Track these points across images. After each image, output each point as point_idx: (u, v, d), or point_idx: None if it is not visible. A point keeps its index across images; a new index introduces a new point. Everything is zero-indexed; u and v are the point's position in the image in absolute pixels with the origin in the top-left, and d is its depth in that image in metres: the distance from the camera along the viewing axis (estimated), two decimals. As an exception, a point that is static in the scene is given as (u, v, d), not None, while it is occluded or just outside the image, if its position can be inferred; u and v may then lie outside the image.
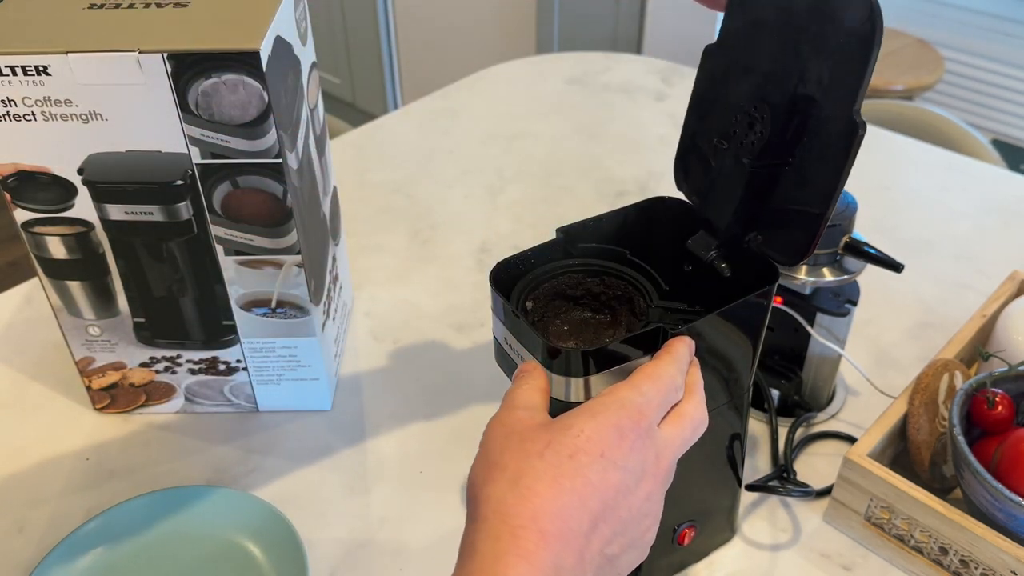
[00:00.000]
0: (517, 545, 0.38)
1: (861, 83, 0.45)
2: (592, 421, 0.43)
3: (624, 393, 0.45)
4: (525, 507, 0.39)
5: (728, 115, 0.53)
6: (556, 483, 0.40)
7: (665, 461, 0.45)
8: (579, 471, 0.41)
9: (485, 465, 0.43)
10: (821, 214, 0.49)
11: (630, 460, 0.42)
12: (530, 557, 0.38)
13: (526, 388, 0.47)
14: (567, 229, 0.56)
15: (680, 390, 0.47)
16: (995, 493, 0.58)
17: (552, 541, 0.39)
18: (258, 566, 0.63)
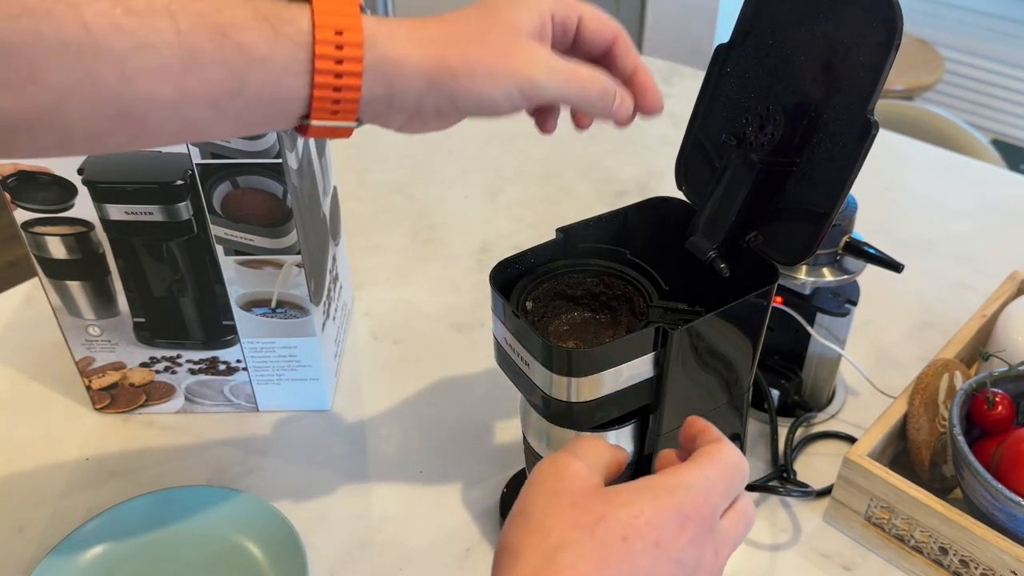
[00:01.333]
0: None
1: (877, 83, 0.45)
2: (654, 504, 0.38)
3: (692, 477, 0.40)
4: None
5: (739, 115, 0.54)
6: (601, 567, 0.36)
7: (722, 558, 0.40)
8: (630, 558, 0.36)
9: (524, 523, 0.39)
10: (827, 213, 0.49)
11: (687, 554, 0.38)
12: None
13: (595, 443, 0.43)
14: (567, 229, 0.56)
15: (745, 479, 0.43)
16: (995, 493, 0.58)
17: None
18: (258, 566, 0.63)
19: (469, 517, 0.68)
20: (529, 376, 0.51)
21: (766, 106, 0.52)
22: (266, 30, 0.40)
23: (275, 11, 0.40)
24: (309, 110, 0.42)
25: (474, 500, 0.69)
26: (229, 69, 0.40)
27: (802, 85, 0.50)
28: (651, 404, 0.53)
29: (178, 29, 0.38)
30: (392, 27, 0.43)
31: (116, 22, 0.37)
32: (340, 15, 0.41)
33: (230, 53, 0.39)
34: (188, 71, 0.39)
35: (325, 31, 0.40)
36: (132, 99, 0.39)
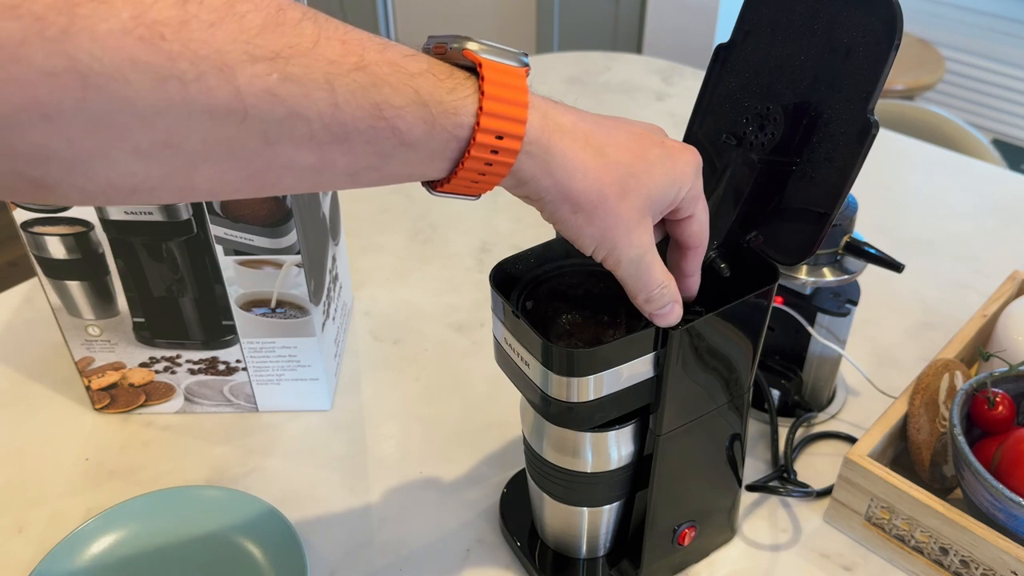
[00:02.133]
0: None
1: (877, 83, 0.45)
2: None
3: None
4: None
5: (739, 114, 0.53)
6: None
7: None
8: None
9: None
10: (827, 213, 0.49)
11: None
12: None
13: None
14: (567, 229, 0.56)
15: None
16: (995, 493, 0.58)
17: None
18: (258, 566, 0.63)
19: (469, 517, 0.68)
20: (529, 376, 0.51)
21: (766, 106, 0.52)
22: (424, 117, 0.38)
23: (437, 97, 0.38)
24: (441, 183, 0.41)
25: (474, 500, 0.69)
26: (377, 148, 0.38)
27: (802, 85, 0.50)
28: (651, 404, 0.53)
29: (335, 102, 0.35)
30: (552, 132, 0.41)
31: (271, 89, 0.34)
32: (505, 118, 0.39)
33: (382, 134, 0.37)
34: (335, 144, 0.37)
35: (486, 135, 0.39)
36: (269, 163, 0.36)
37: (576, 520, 0.60)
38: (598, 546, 0.62)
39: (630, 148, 0.44)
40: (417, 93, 0.37)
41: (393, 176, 0.40)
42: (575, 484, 0.57)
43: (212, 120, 0.33)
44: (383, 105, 0.37)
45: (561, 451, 0.56)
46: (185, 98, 0.32)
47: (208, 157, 0.35)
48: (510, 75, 0.40)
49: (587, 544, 0.62)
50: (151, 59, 0.31)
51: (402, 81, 0.37)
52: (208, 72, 0.32)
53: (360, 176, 0.39)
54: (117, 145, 0.33)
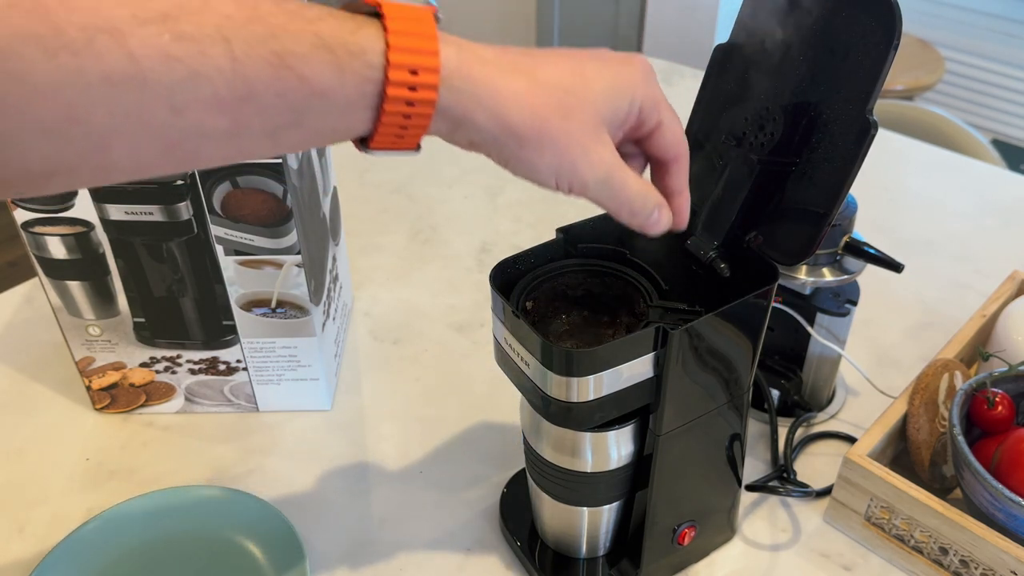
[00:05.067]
0: None
1: (876, 83, 0.45)
2: None
3: None
4: None
5: (738, 115, 0.54)
6: None
7: None
8: None
9: None
10: (826, 213, 0.49)
11: None
12: None
13: None
14: (567, 229, 0.56)
15: None
16: (995, 493, 0.58)
17: None
18: (258, 566, 0.63)
19: (469, 517, 0.68)
20: (529, 376, 0.51)
21: (766, 106, 0.52)
22: (330, 61, 0.36)
23: (340, 38, 0.36)
24: (370, 137, 0.40)
25: (474, 500, 0.69)
26: (288, 101, 0.36)
27: (802, 85, 0.50)
28: (651, 404, 0.53)
29: (233, 56, 0.34)
30: (473, 63, 0.40)
31: (165, 50, 0.33)
32: (415, 51, 0.37)
33: (290, 84, 0.36)
34: (243, 102, 0.35)
35: (399, 71, 0.37)
36: (183, 132, 0.35)
37: (576, 520, 0.60)
38: (598, 546, 0.62)
39: (562, 67, 0.43)
40: (319, 37, 0.36)
41: (316, 133, 0.38)
42: (575, 484, 0.57)
43: (112, 88, 0.33)
44: (284, 54, 0.35)
45: (561, 451, 0.56)
46: (79, 67, 0.32)
47: (117, 130, 0.34)
48: (414, 11, 0.38)
49: (587, 544, 0.62)
50: (39, 30, 0.31)
51: (301, 27, 0.36)
52: (97, 38, 0.32)
53: (281, 136, 0.38)
54: (22, 125, 0.32)
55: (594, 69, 0.43)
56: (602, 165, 0.43)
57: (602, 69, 0.43)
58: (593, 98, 0.42)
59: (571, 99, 0.42)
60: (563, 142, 0.42)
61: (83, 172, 0.35)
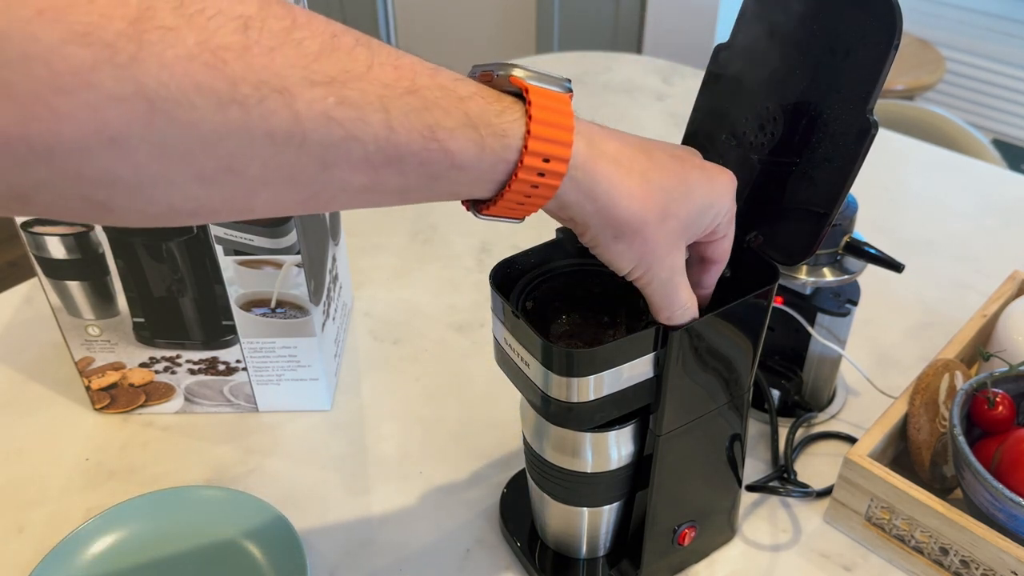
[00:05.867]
0: None
1: (876, 83, 0.45)
2: None
3: None
4: None
5: (738, 114, 0.53)
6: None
7: None
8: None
9: None
10: (826, 213, 0.49)
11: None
12: None
13: None
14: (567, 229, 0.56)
15: None
16: (995, 493, 0.57)
17: None
18: (258, 566, 0.63)
19: (469, 517, 0.68)
20: (529, 376, 0.51)
21: (766, 106, 0.52)
22: (474, 139, 0.38)
23: (486, 119, 0.39)
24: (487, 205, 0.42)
25: (474, 500, 0.69)
26: (429, 169, 0.38)
27: (801, 85, 0.50)
28: (651, 404, 0.53)
29: (390, 125, 0.36)
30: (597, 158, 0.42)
31: (328, 113, 0.34)
32: (552, 141, 0.40)
33: (434, 156, 0.38)
34: (389, 165, 0.37)
35: (533, 159, 0.39)
36: (325, 185, 0.37)
37: (576, 520, 0.60)
38: (598, 546, 0.62)
39: (672, 172, 0.45)
40: (467, 116, 0.38)
41: (441, 195, 0.40)
42: (575, 484, 0.57)
43: (272, 145, 0.34)
44: (435, 127, 0.37)
45: (561, 451, 0.56)
46: (247, 122, 0.33)
47: (268, 182, 0.35)
48: (556, 100, 0.41)
49: (587, 544, 0.62)
50: (215, 84, 0.32)
51: (453, 104, 0.38)
52: (269, 96, 0.33)
53: (410, 195, 0.39)
54: (181, 170, 0.33)
55: (696, 180, 0.46)
56: (671, 269, 0.46)
57: (703, 182, 0.46)
58: (688, 208, 0.45)
59: (672, 206, 0.44)
60: (652, 243, 0.44)
61: (223, 213, 0.37)
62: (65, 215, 0.34)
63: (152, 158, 0.32)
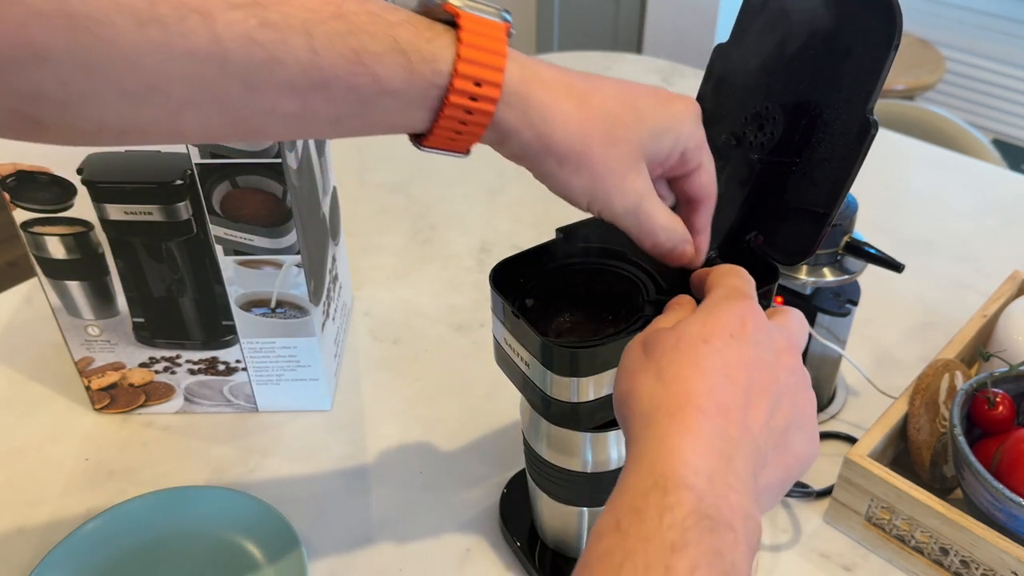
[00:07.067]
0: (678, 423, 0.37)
1: (876, 83, 0.45)
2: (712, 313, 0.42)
3: (730, 282, 0.44)
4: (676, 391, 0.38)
5: (738, 114, 0.53)
6: (698, 366, 0.39)
7: (794, 337, 0.44)
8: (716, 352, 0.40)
9: (627, 378, 0.42)
10: (826, 213, 0.49)
11: (759, 336, 0.41)
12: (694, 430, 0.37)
13: (669, 316, 0.45)
14: (567, 229, 0.56)
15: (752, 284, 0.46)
16: (996, 493, 0.57)
17: (711, 414, 0.37)
18: (258, 566, 0.63)
19: (469, 517, 0.68)
20: (529, 376, 0.51)
21: (765, 106, 0.52)
22: (403, 64, 0.38)
23: (415, 44, 0.39)
24: (426, 136, 0.42)
25: (474, 500, 0.69)
26: (357, 94, 0.38)
27: (801, 85, 0.50)
28: (651, 404, 0.53)
29: (312, 48, 0.37)
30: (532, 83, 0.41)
31: (250, 35, 0.35)
32: (483, 65, 0.39)
33: (362, 80, 0.38)
34: (316, 90, 0.38)
35: (465, 82, 0.39)
36: (253, 109, 0.38)
37: (576, 520, 0.60)
38: (598, 546, 0.62)
39: (616, 97, 0.44)
40: (396, 41, 0.38)
41: (376, 124, 0.40)
42: (575, 484, 0.57)
43: (194, 64, 0.35)
44: (362, 52, 0.38)
45: (561, 451, 0.56)
46: (167, 41, 0.34)
47: (192, 101, 0.36)
48: (489, 26, 0.40)
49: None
50: (134, 2, 0.33)
51: (381, 29, 0.38)
52: (188, 16, 0.34)
53: (343, 124, 0.40)
54: (106, 87, 0.35)
55: (647, 104, 0.44)
56: (633, 194, 0.44)
57: (655, 105, 0.45)
58: (639, 131, 0.44)
59: (619, 129, 0.43)
60: (600, 168, 0.43)
61: (153, 133, 0.38)
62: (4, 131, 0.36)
63: (77, 74, 0.34)
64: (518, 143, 0.42)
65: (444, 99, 0.39)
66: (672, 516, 0.34)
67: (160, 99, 0.36)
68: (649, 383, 0.40)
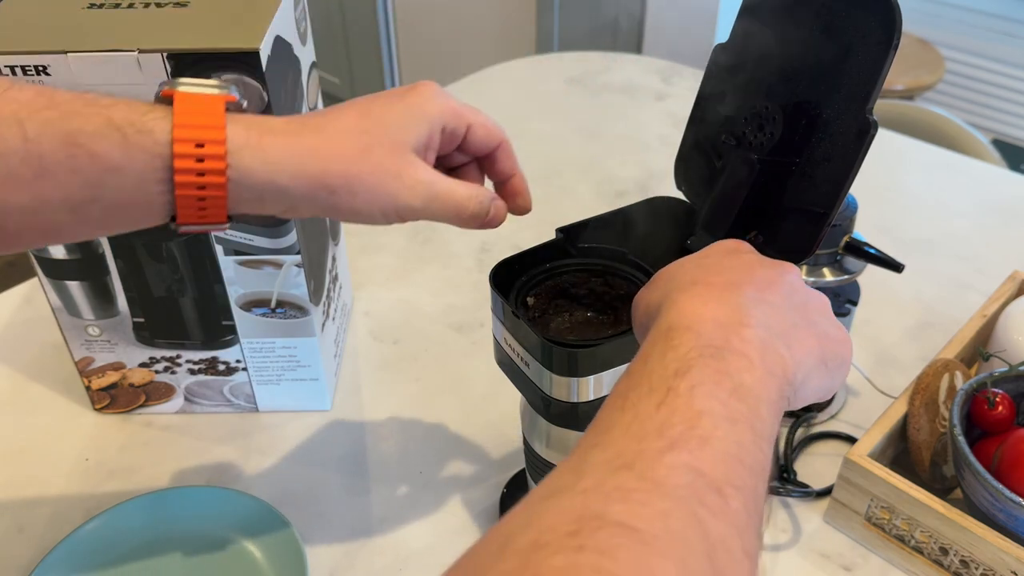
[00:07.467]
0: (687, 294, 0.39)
1: (876, 83, 0.45)
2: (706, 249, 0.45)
3: None
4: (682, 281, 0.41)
5: (738, 114, 0.53)
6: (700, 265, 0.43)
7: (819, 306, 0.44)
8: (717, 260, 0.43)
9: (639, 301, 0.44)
10: (826, 213, 0.49)
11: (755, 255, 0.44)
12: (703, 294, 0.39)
13: None
14: (567, 229, 0.56)
15: None
16: (995, 493, 0.58)
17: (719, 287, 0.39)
18: (258, 566, 0.63)
19: (469, 517, 0.68)
20: (529, 376, 0.51)
21: (765, 106, 0.52)
22: (118, 140, 0.39)
23: (130, 119, 0.40)
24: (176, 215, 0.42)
25: (474, 500, 0.69)
26: (82, 177, 0.39)
27: (801, 85, 0.50)
28: (651, 404, 0.53)
29: (25, 136, 0.38)
30: (263, 136, 0.42)
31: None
32: (201, 127, 0.40)
33: (81, 161, 0.39)
34: (39, 178, 0.39)
35: (184, 145, 0.40)
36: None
37: (576, 520, 0.60)
38: (598, 546, 0.62)
39: (350, 115, 0.45)
40: (110, 119, 0.39)
41: (116, 208, 0.41)
42: (575, 484, 0.57)
43: None
44: (76, 133, 0.39)
45: (560, 451, 0.56)
46: None
47: None
48: (205, 98, 0.41)
49: (587, 544, 0.62)
50: None
51: (94, 112, 0.39)
52: None
53: (82, 211, 0.40)
54: None
55: (381, 107, 0.45)
56: (420, 185, 0.45)
57: (389, 105, 0.46)
58: (388, 131, 0.44)
59: (366, 138, 0.44)
60: (371, 179, 0.43)
61: None
62: None
63: None
64: (280, 193, 0.43)
65: (171, 168, 0.40)
66: (675, 352, 0.36)
67: None
68: (660, 289, 0.42)
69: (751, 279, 0.40)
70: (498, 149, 0.51)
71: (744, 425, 0.33)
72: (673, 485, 0.30)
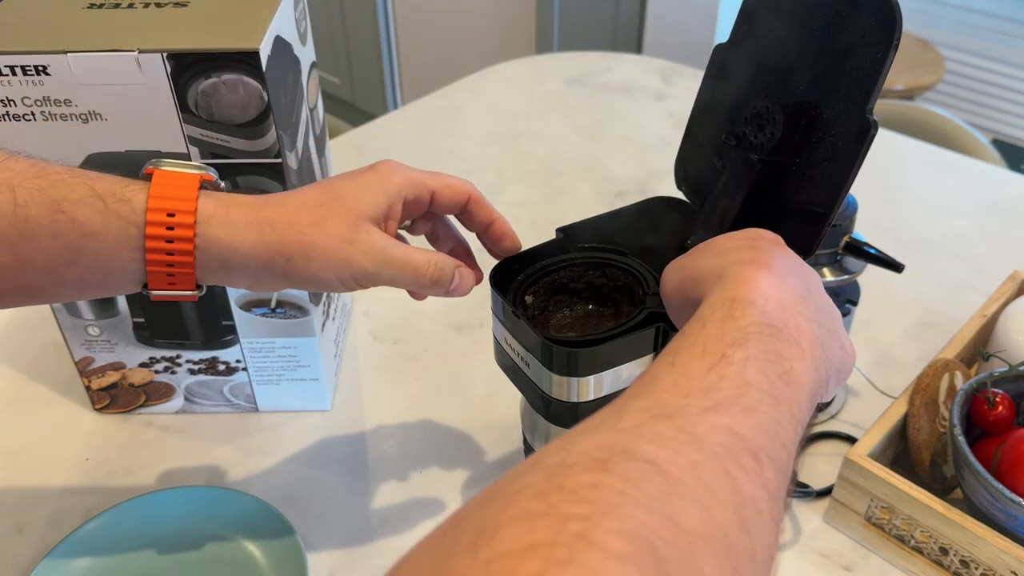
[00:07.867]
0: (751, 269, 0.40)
1: (876, 83, 0.45)
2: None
3: None
4: (735, 259, 0.42)
5: (738, 114, 0.53)
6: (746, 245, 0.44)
7: None
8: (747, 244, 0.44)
9: (674, 273, 0.46)
10: (826, 213, 0.49)
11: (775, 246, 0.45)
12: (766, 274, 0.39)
13: None
14: (567, 229, 0.56)
15: None
16: (995, 493, 0.58)
17: (778, 271, 0.40)
18: (258, 566, 0.63)
19: (469, 517, 0.68)
20: (529, 376, 0.51)
21: (765, 106, 0.52)
22: (99, 208, 0.43)
23: (112, 190, 0.44)
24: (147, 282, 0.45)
25: (474, 500, 0.69)
26: (64, 241, 0.43)
27: (801, 85, 0.50)
28: (651, 404, 0.53)
29: (15, 201, 0.42)
30: (230, 208, 0.45)
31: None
32: (174, 198, 0.44)
33: (64, 227, 0.42)
34: (24, 240, 0.42)
35: (157, 213, 0.44)
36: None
37: (576, 520, 0.60)
38: (598, 546, 0.62)
39: (311, 190, 0.48)
40: (93, 189, 0.43)
41: (93, 271, 0.44)
42: (575, 484, 0.57)
43: None
44: (61, 201, 0.43)
45: (561, 451, 0.56)
46: None
47: None
48: (181, 176, 0.45)
49: (587, 544, 0.62)
50: None
51: (80, 182, 0.43)
52: None
53: (61, 272, 0.44)
54: None
55: (340, 183, 0.48)
56: (373, 251, 0.47)
57: (349, 180, 0.49)
58: (344, 202, 0.47)
59: (323, 210, 0.47)
60: (325, 245, 0.46)
61: None
62: None
63: None
64: (241, 261, 0.45)
65: (144, 236, 0.44)
66: (735, 323, 0.37)
67: None
68: (709, 258, 0.43)
69: (802, 275, 0.42)
70: (469, 203, 0.53)
71: (785, 408, 0.34)
72: (710, 442, 0.31)
